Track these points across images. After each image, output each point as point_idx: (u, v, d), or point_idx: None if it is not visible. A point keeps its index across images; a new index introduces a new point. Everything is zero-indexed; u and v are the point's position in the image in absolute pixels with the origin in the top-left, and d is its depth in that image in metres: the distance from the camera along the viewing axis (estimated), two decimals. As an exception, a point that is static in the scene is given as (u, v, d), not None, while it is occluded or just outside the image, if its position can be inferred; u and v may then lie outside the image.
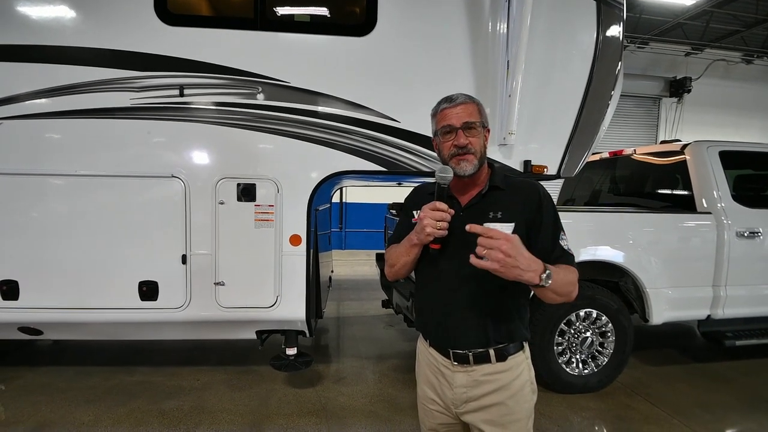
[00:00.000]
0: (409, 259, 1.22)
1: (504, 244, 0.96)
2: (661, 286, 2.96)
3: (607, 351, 2.99)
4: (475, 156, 1.16)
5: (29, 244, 2.49)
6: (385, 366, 3.38)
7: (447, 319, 1.20)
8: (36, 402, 2.68)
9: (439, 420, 1.28)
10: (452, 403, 1.22)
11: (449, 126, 1.16)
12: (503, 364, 1.19)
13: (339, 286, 6.17)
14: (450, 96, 1.20)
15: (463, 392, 1.20)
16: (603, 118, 2.80)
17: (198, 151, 2.58)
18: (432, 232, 1.10)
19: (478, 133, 1.18)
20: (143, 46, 2.47)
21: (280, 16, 2.64)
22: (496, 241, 0.96)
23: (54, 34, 2.43)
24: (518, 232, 1.15)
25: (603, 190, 4.30)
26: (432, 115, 1.24)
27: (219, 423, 2.51)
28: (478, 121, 1.17)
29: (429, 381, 1.29)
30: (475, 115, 1.17)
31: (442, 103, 1.20)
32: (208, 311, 2.60)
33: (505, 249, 0.96)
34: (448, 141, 1.18)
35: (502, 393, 1.18)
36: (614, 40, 2.69)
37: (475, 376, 1.19)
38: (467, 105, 1.17)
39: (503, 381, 1.18)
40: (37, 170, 2.48)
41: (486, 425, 1.19)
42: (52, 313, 2.53)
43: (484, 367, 1.18)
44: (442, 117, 1.19)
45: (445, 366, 1.22)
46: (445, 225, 1.10)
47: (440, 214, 1.10)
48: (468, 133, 1.16)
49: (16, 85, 2.42)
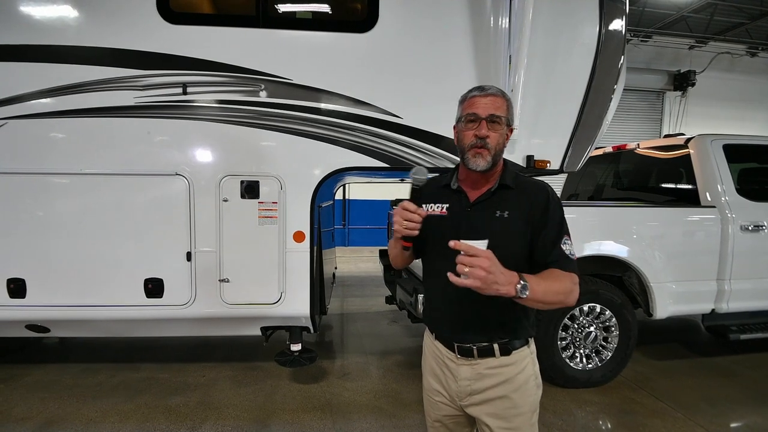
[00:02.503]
0: (396, 251, 1.25)
1: (485, 261, 0.95)
2: (665, 281, 2.95)
3: (611, 345, 2.98)
4: (490, 152, 1.13)
5: (35, 242, 2.51)
6: (390, 362, 3.40)
7: (451, 312, 1.21)
8: (44, 399, 2.71)
9: (444, 411, 1.29)
10: (457, 396, 1.23)
11: (474, 114, 1.14)
12: (508, 358, 1.19)
13: (343, 282, 6.18)
14: (482, 85, 1.17)
15: (467, 385, 1.21)
16: (606, 112, 2.79)
17: (201, 148, 2.59)
18: (398, 230, 1.12)
19: (501, 129, 1.15)
20: (146, 44, 2.47)
21: (281, 14, 2.64)
22: (478, 259, 0.95)
23: (57, 33, 2.44)
24: (522, 232, 1.15)
25: (607, 184, 4.29)
26: (460, 101, 1.21)
27: (225, 418, 2.53)
28: (504, 116, 1.14)
29: (434, 373, 1.30)
30: (502, 110, 1.14)
31: (473, 91, 1.17)
32: (213, 308, 2.62)
33: (486, 266, 0.95)
34: (470, 130, 1.15)
35: (506, 386, 1.19)
36: (617, 34, 2.67)
37: (479, 369, 1.19)
38: (497, 98, 1.15)
39: (507, 375, 1.19)
40: (43, 169, 2.49)
41: (490, 418, 1.20)
42: (59, 310, 2.56)
43: (489, 360, 1.19)
44: (469, 104, 1.16)
45: (450, 359, 1.23)
46: (413, 225, 1.11)
47: (407, 213, 1.11)
48: (491, 127, 1.13)
49: (19, 84, 2.44)
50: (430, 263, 1.28)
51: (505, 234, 1.15)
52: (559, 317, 2.89)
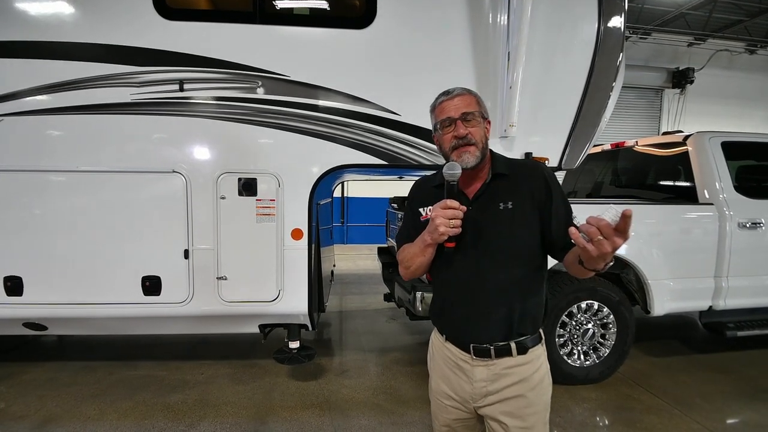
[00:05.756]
0: (424, 259, 1.19)
1: (621, 243, 0.91)
2: (663, 278, 2.96)
3: (609, 342, 3.00)
4: (476, 147, 1.15)
5: (32, 240, 2.50)
6: (388, 359, 3.40)
7: (467, 313, 1.19)
8: (42, 396, 2.71)
9: (453, 416, 1.27)
10: (471, 398, 1.21)
11: (448, 118, 1.15)
12: (524, 356, 1.18)
13: (341, 280, 6.18)
14: (447, 90, 1.19)
15: (483, 386, 1.19)
16: (604, 109, 2.78)
17: (199, 146, 2.57)
18: (445, 231, 1.07)
19: (478, 124, 1.16)
20: (142, 40, 2.45)
21: (278, 10, 2.62)
22: (620, 242, 0.91)
23: (52, 30, 2.42)
24: (530, 219, 1.15)
25: (605, 182, 4.29)
26: (431, 110, 1.23)
27: (223, 416, 2.53)
28: (476, 111, 1.16)
29: (444, 376, 1.27)
30: (473, 106, 1.16)
31: (440, 97, 1.20)
32: (211, 306, 2.62)
33: (618, 246, 0.91)
34: (448, 133, 1.17)
35: (523, 385, 1.18)
36: (615, 31, 2.66)
37: (496, 369, 1.18)
38: (465, 96, 1.17)
39: (524, 373, 1.18)
40: (39, 166, 2.48)
41: (505, 417, 1.18)
42: (56, 308, 2.55)
43: (505, 360, 1.17)
44: (440, 110, 1.18)
45: (464, 360, 1.21)
46: (459, 222, 1.08)
47: (452, 212, 1.07)
48: (467, 124, 1.15)
49: (15, 81, 2.42)
50: (440, 267, 1.24)
51: (512, 225, 1.15)
52: (556, 314, 2.90)
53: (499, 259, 1.16)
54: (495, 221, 1.16)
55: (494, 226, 1.16)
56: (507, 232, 1.16)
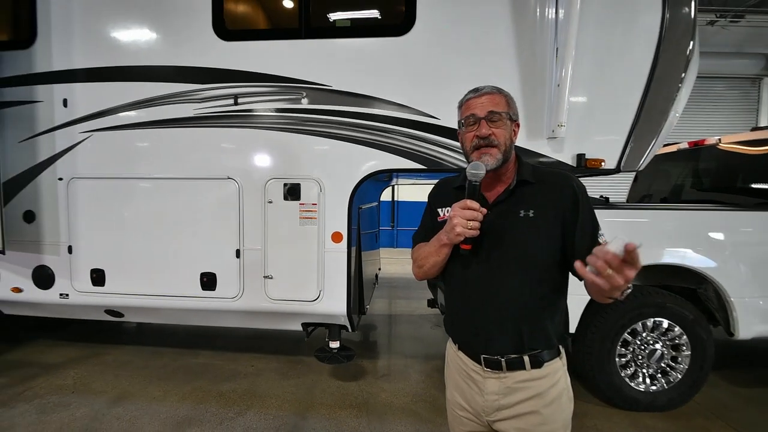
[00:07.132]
0: (439, 259, 1.16)
1: (633, 274, 0.86)
2: (750, 296, 2.55)
3: (681, 366, 2.65)
4: (498, 149, 1.10)
5: (113, 237, 2.89)
6: (430, 366, 3.35)
7: (478, 322, 1.15)
8: (118, 376, 3.09)
9: (468, 427, 1.23)
10: (483, 411, 1.16)
11: (473, 116, 1.12)
12: (539, 370, 1.11)
13: (389, 284, 6.22)
14: (477, 87, 1.16)
15: (495, 400, 1.14)
16: (672, 104, 2.49)
17: (250, 154, 2.78)
18: (462, 231, 1.04)
19: (504, 125, 1.11)
20: (203, 60, 2.73)
21: (322, 24, 2.74)
22: (631, 274, 0.86)
23: (131, 55, 2.79)
24: (551, 231, 1.09)
25: (685, 185, 3.81)
26: (458, 106, 1.20)
27: (267, 408, 2.68)
28: (504, 112, 1.11)
29: (458, 386, 1.23)
30: (501, 106, 1.12)
31: (469, 94, 1.16)
32: (259, 302, 2.80)
33: (631, 278, 0.86)
34: (470, 132, 1.13)
35: (538, 401, 1.11)
36: (684, 17, 2.38)
37: (508, 383, 1.12)
38: (493, 95, 1.12)
39: (539, 389, 1.11)
40: (120, 174, 2.86)
41: None
42: (131, 298, 2.91)
43: (519, 373, 1.12)
44: (466, 107, 1.15)
45: (476, 371, 1.17)
46: (477, 225, 1.04)
47: (471, 213, 1.04)
48: (492, 125, 1.10)
49: (101, 101, 2.82)
50: (453, 271, 1.20)
51: (532, 234, 1.09)
52: (617, 331, 2.64)
53: (513, 268, 1.10)
54: (513, 228, 1.11)
55: (512, 233, 1.11)
56: (524, 240, 1.10)
